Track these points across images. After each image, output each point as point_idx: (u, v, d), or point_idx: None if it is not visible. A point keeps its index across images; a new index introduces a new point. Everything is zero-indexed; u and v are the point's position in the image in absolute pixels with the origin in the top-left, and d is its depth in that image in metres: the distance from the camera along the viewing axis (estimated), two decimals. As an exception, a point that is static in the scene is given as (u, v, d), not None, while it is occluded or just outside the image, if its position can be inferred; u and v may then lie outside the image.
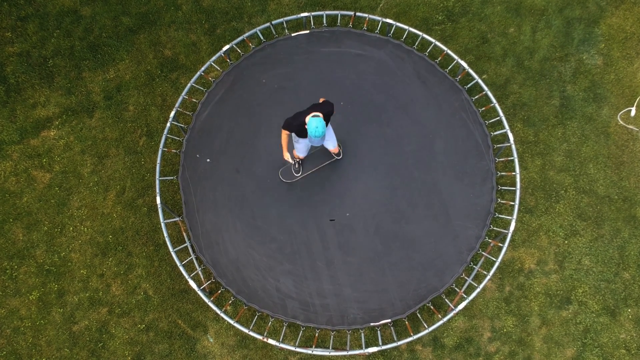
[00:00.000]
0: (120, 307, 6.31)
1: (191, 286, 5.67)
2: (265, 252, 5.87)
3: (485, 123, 6.12)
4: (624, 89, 6.87)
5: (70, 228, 6.51)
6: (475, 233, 5.83)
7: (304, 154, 5.67)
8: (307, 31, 6.27)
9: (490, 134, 6.07)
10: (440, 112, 6.17)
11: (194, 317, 6.28)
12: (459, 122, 6.12)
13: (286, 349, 6.01)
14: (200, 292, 5.62)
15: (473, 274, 5.71)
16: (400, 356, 6.16)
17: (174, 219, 5.91)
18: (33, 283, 6.37)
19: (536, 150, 6.71)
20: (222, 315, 5.54)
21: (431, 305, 5.69)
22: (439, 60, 6.31)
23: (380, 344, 5.48)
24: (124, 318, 6.28)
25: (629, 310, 6.29)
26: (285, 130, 5.08)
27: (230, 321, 5.54)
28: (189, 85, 6.11)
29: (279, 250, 5.88)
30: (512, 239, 6.38)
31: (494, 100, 6.06)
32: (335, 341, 6.16)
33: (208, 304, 5.60)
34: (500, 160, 6.19)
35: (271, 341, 5.49)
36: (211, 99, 6.21)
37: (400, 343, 5.48)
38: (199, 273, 5.81)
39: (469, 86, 6.28)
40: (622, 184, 6.61)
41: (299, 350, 5.51)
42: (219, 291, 5.82)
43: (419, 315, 5.68)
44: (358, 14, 6.31)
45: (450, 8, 7.11)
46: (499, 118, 6.04)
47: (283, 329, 5.66)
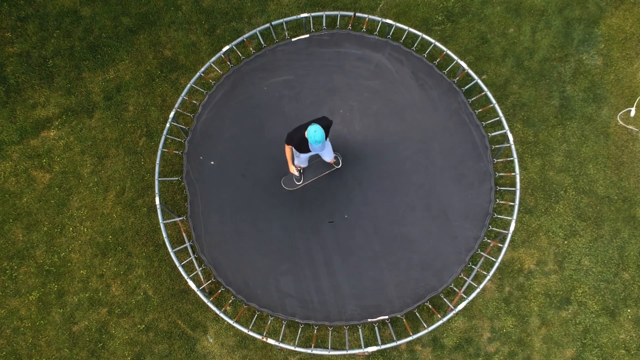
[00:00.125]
0: (120, 308, 6.31)
1: (191, 286, 5.68)
2: (265, 252, 5.96)
3: (482, 124, 6.14)
4: (623, 89, 6.86)
5: (70, 228, 6.52)
6: (473, 234, 5.85)
7: (305, 164, 5.95)
8: (307, 35, 6.31)
9: (488, 135, 6.10)
10: (438, 115, 6.23)
11: (193, 318, 6.29)
12: (457, 124, 6.17)
13: (286, 349, 6.03)
14: (199, 292, 5.63)
15: (472, 274, 5.71)
16: (400, 356, 6.17)
17: (173, 220, 5.92)
18: (33, 283, 6.38)
19: (536, 150, 6.71)
20: (222, 315, 5.55)
21: (430, 305, 5.70)
22: (439, 61, 6.31)
23: (379, 344, 5.49)
24: (123, 318, 6.29)
25: (629, 311, 6.29)
26: (288, 144, 5.33)
27: (230, 321, 5.54)
28: (188, 86, 6.12)
29: (279, 250, 5.97)
30: (512, 240, 6.38)
31: (493, 100, 6.06)
32: (335, 341, 6.16)
33: (207, 304, 5.61)
34: (500, 160, 6.20)
35: (270, 341, 5.50)
36: (212, 101, 6.26)
37: (399, 343, 5.48)
38: (198, 273, 5.83)
39: (468, 87, 6.29)
40: (622, 185, 6.61)
41: (298, 349, 5.51)
42: (219, 291, 5.83)
43: (418, 315, 5.68)
44: (358, 14, 6.31)
45: (450, 8, 7.11)
46: (499, 118, 6.05)
47: (282, 328, 5.66)
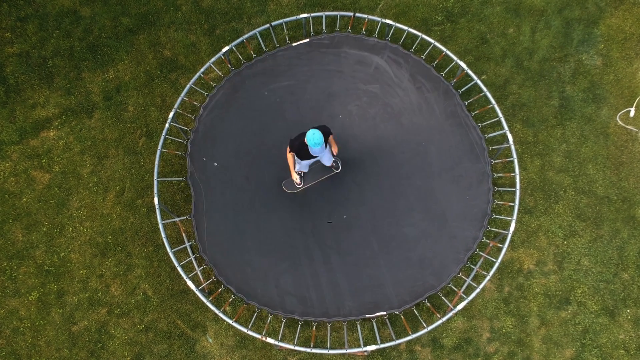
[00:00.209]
0: (120, 308, 6.31)
1: (190, 287, 5.67)
2: (265, 252, 6.00)
3: (479, 126, 6.15)
4: (623, 89, 6.86)
5: (70, 228, 6.52)
6: (472, 234, 5.88)
7: (306, 169, 6.10)
8: (307, 39, 6.34)
9: (485, 137, 6.12)
10: (435, 117, 6.27)
11: (193, 318, 6.29)
12: (454, 126, 6.20)
13: (285, 348, 6.03)
14: (198, 292, 5.63)
15: (472, 275, 5.72)
16: (399, 356, 6.17)
17: (173, 220, 5.92)
18: (32, 283, 6.38)
19: (535, 150, 6.71)
20: (221, 315, 5.55)
21: (429, 304, 5.70)
22: (438, 62, 6.32)
23: (379, 343, 5.49)
24: (123, 318, 6.29)
25: (628, 311, 6.29)
26: (290, 150, 5.43)
27: (229, 321, 5.54)
28: (187, 86, 6.12)
29: (279, 249, 6.01)
30: (511, 240, 6.38)
31: (493, 101, 6.06)
32: (334, 341, 6.17)
33: (207, 305, 5.61)
34: (500, 161, 6.20)
35: (270, 340, 5.50)
36: (213, 103, 6.30)
37: (399, 342, 5.49)
38: (198, 273, 5.83)
39: (467, 87, 6.29)
40: (621, 185, 6.61)
41: (297, 349, 5.52)
42: (218, 290, 5.83)
43: (417, 314, 5.69)
44: (357, 14, 6.31)
45: (450, 8, 7.11)
46: (498, 119, 6.05)
47: (281, 327, 5.67)
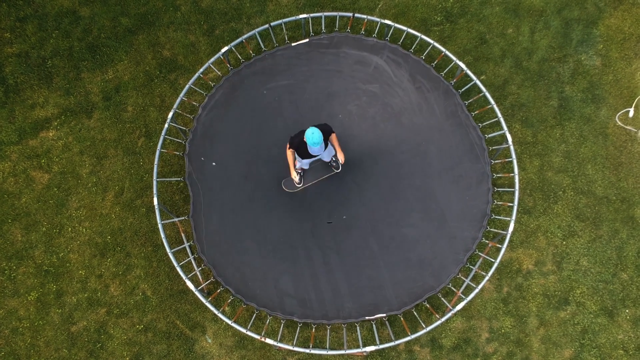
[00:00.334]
0: (119, 308, 6.31)
1: (189, 287, 5.67)
2: (264, 252, 5.99)
3: (479, 126, 6.15)
4: (622, 89, 6.87)
5: (69, 229, 6.52)
6: (471, 234, 5.87)
7: (307, 167, 6.07)
8: (307, 40, 6.34)
9: (485, 137, 6.11)
10: (435, 117, 6.26)
11: (192, 318, 6.29)
12: (454, 126, 6.20)
13: (284, 349, 6.03)
14: (197, 293, 5.63)
15: (471, 275, 5.72)
16: (399, 357, 6.17)
17: (172, 220, 5.93)
18: (32, 284, 6.38)
19: (534, 151, 6.71)
20: (220, 315, 5.55)
21: (428, 304, 5.70)
22: (437, 62, 6.32)
23: (378, 344, 5.49)
24: (122, 319, 6.29)
25: (627, 311, 6.30)
26: (290, 147, 5.40)
27: (228, 321, 5.55)
28: (187, 86, 6.13)
29: (278, 250, 6.00)
30: (510, 240, 6.38)
31: (492, 101, 6.06)
32: (333, 341, 6.17)
33: (206, 305, 5.61)
34: (499, 161, 6.20)
35: (269, 341, 5.51)
36: (212, 103, 6.30)
37: (398, 342, 5.49)
38: (197, 273, 5.83)
39: (466, 87, 6.29)
40: (620, 185, 6.61)
41: (296, 349, 5.52)
42: (218, 291, 5.84)
43: (416, 315, 5.69)
44: (357, 15, 6.31)
45: (449, 9, 7.11)
46: (498, 119, 6.05)
47: (280, 328, 5.67)
